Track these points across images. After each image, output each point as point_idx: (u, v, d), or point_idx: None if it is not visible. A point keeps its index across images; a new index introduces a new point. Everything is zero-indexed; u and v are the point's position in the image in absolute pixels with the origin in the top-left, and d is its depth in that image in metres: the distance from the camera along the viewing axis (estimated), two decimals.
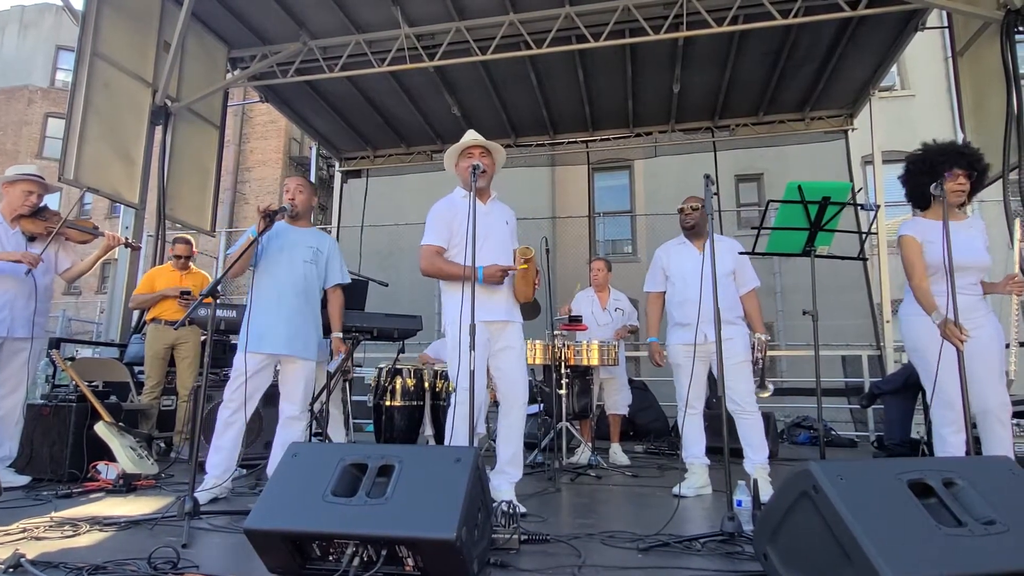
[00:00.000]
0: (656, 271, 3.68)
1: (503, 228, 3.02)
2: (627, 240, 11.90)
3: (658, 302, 3.68)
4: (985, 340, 2.69)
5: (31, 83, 18.92)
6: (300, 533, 1.75)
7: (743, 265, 3.49)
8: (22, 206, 3.41)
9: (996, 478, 1.71)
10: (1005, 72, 4.58)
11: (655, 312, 3.69)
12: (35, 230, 3.47)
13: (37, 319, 3.42)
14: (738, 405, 3.26)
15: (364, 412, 5.71)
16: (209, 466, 3.06)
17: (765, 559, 1.84)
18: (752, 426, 3.26)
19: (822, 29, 5.88)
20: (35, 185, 3.46)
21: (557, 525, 2.64)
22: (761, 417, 3.33)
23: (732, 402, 3.28)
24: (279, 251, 3.21)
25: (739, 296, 3.49)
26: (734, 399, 3.25)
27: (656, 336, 3.70)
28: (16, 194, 3.42)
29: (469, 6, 5.81)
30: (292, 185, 3.32)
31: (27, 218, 3.45)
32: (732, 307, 3.38)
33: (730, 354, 3.25)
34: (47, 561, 1.92)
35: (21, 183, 3.43)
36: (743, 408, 3.26)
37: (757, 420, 3.28)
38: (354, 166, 8.80)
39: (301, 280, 3.22)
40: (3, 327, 3.29)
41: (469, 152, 3.01)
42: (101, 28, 5.24)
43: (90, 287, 16.87)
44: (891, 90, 11.55)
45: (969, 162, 2.75)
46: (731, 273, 3.45)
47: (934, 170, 2.76)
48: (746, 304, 3.50)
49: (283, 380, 3.27)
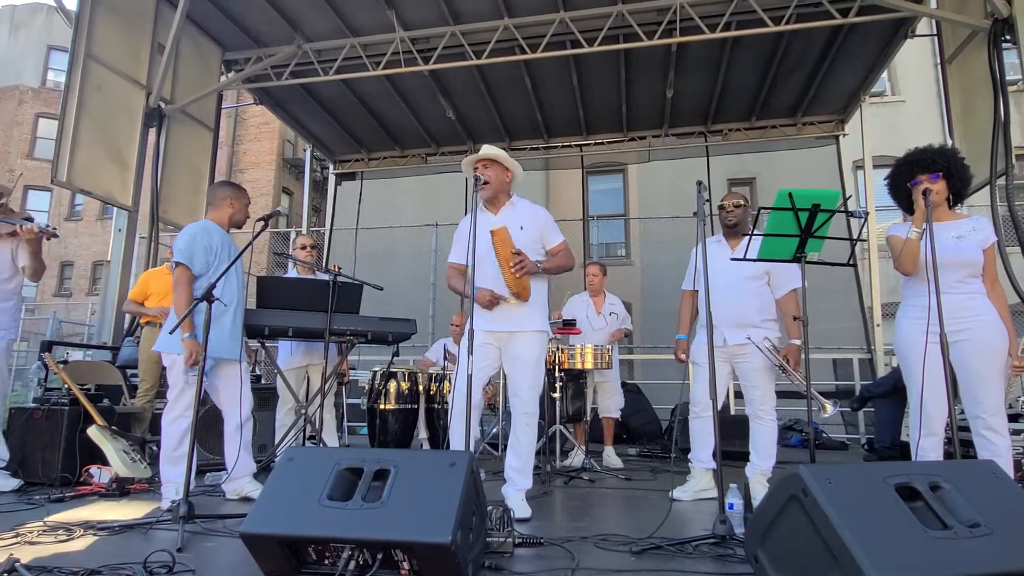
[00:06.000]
0: (690, 269, 3.57)
1: (516, 233, 2.92)
2: (621, 244, 11.95)
3: (690, 301, 3.56)
4: (978, 342, 2.61)
5: (22, 83, 18.80)
6: (296, 537, 1.76)
7: (780, 265, 3.22)
8: None
9: (981, 482, 1.75)
10: (992, 80, 4.65)
11: (686, 310, 3.57)
12: None
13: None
14: (753, 410, 3.25)
15: (358, 415, 5.71)
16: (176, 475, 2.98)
17: (756, 562, 1.86)
18: (764, 433, 3.23)
19: (813, 36, 5.94)
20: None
21: (551, 528, 2.66)
22: (775, 426, 3.25)
23: (749, 406, 3.28)
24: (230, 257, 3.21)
25: (776, 299, 3.34)
26: (751, 404, 3.24)
27: (685, 334, 3.57)
28: None
29: (464, 10, 5.84)
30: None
31: None
32: (757, 310, 3.29)
33: (748, 358, 3.25)
34: (42, 566, 1.92)
35: None
36: (757, 414, 3.24)
37: (771, 428, 3.23)
38: (348, 168, 8.79)
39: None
40: None
41: (476, 166, 3.03)
42: (94, 29, 5.22)
43: (81, 289, 16.77)
44: (882, 96, 11.68)
45: (927, 164, 2.73)
46: (763, 274, 3.30)
47: (899, 182, 2.82)
48: (782, 308, 3.33)
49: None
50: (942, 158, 2.75)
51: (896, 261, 2.79)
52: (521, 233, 2.96)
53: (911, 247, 2.69)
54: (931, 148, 2.81)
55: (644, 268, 10.48)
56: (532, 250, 2.96)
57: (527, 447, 2.90)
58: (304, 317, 3.75)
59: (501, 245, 2.84)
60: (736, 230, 3.41)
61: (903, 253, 2.72)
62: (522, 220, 3.02)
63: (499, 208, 3.07)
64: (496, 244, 2.84)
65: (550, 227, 3.10)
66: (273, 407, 4.37)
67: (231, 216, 3.28)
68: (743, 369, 3.30)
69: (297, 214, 15.41)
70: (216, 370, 3.09)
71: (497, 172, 3.01)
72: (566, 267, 3.10)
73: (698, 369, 3.35)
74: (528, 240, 2.97)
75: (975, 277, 2.72)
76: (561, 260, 3.08)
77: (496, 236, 2.83)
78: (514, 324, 2.93)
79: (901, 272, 2.79)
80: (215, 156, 6.77)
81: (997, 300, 2.71)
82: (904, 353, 2.78)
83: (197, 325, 2.89)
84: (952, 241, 2.71)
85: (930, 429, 2.66)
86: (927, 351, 2.57)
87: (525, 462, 2.89)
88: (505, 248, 2.84)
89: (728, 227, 3.42)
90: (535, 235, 3.03)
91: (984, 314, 2.66)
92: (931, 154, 2.77)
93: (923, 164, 2.75)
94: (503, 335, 2.94)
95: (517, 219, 3.02)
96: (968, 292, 2.69)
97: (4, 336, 3.55)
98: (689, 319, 3.58)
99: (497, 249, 2.84)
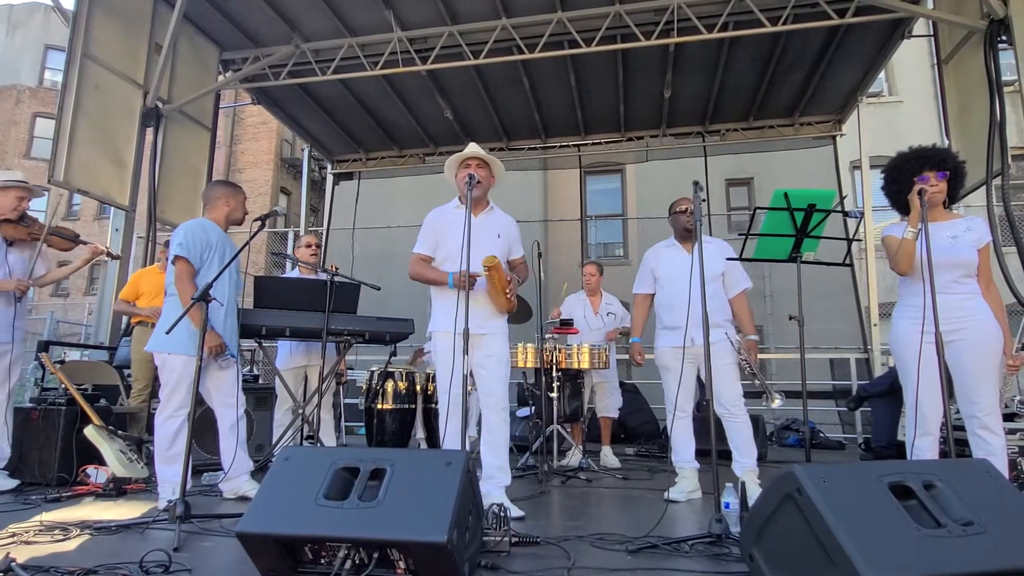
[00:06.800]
0: (645, 273, 3.66)
1: (493, 240, 3.03)
2: (619, 243, 11.96)
3: (645, 304, 3.68)
4: (973, 342, 2.62)
5: (19, 82, 18.76)
6: (292, 536, 1.76)
7: (732, 266, 3.44)
8: (12, 211, 3.48)
9: (975, 481, 1.76)
10: (988, 80, 4.66)
11: (641, 314, 3.69)
12: (17, 235, 3.53)
13: (17, 323, 3.54)
14: (725, 408, 3.28)
15: (356, 415, 5.71)
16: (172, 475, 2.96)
17: (751, 560, 1.87)
18: (739, 429, 3.28)
19: (810, 36, 5.95)
20: (27, 192, 3.54)
21: (547, 527, 2.66)
22: (749, 420, 3.33)
23: (720, 405, 3.29)
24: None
25: (728, 298, 3.48)
26: (721, 402, 3.27)
27: (639, 337, 3.70)
28: (8, 199, 3.48)
29: (462, 10, 5.84)
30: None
31: (11, 223, 3.49)
32: (720, 310, 3.38)
33: (717, 357, 3.27)
34: (37, 566, 1.92)
35: (14, 190, 3.50)
36: (730, 411, 3.28)
37: (745, 423, 3.30)
38: (346, 168, 8.79)
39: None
40: None
41: (467, 163, 3.06)
42: (92, 29, 5.21)
43: (78, 289, 16.73)
44: (879, 96, 11.70)
45: (934, 163, 2.76)
46: (720, 276, 3.43)
47: (903, 177, 2.80)
48: (735, 306, 3.48)
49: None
50: (951, 159, 2.80)
51: (892, 261, 2.80)
52: (498, 241, 3.07)
53: (907, 247, 2.70)
54: (938, 147, 2.85)
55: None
56: (504, 259, 3.09)
57: (505, 443, 2.97)
58: (301, 317, 3.75)
59: (498, 276, 2.92)
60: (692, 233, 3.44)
61: (899, 253, 2.73)
62: (499, 227, 3.12)
63: (480, 211, 3.11)
64: (492, 276, 2.90)
65: (517, 238, 3.25)
66: (271, 407, 4.37)
67: (228, 215, 3.28)
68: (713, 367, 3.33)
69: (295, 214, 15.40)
70: (207, 370, 3.08)
71: (487, 174, 3.09)
72: (524, 280, 3.29)
73: (668, 373, 3.42)
74: (502, 248, 3.08)
75: (970, 277, 2.73)
76: (522, 273, 3.27)
77: (493, 270, 2.88)
78: (487, 327, 3.02)
79: (897, 272, 2.80)
80: (213, 156, 6.76)
81: (992, 299, 2.73)
82: (900, 353, 2.79)
83: (184, 325, 2.84)
84: (947, 241, 2.72)
85: (926, 428, 2.67)
86: (923, 351, 2.58)
87: (504, 459, 2.95)
88: (501, 278, 2.94)
89: (688, 231, 3.42)
90: (507, 244, 3.14)
91: (979, 314, 2.68)
92: (942, 153, 2.81)
93: (934, 161, 2.77)
94: (475, 337, 2.94)
95: (494, 226, 3.11)
96: (963, 292, 2.71)
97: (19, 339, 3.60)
98: (642, 322, 3.69)
99: (493, 280, 2.92)
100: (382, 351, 4.50)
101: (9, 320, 3.47)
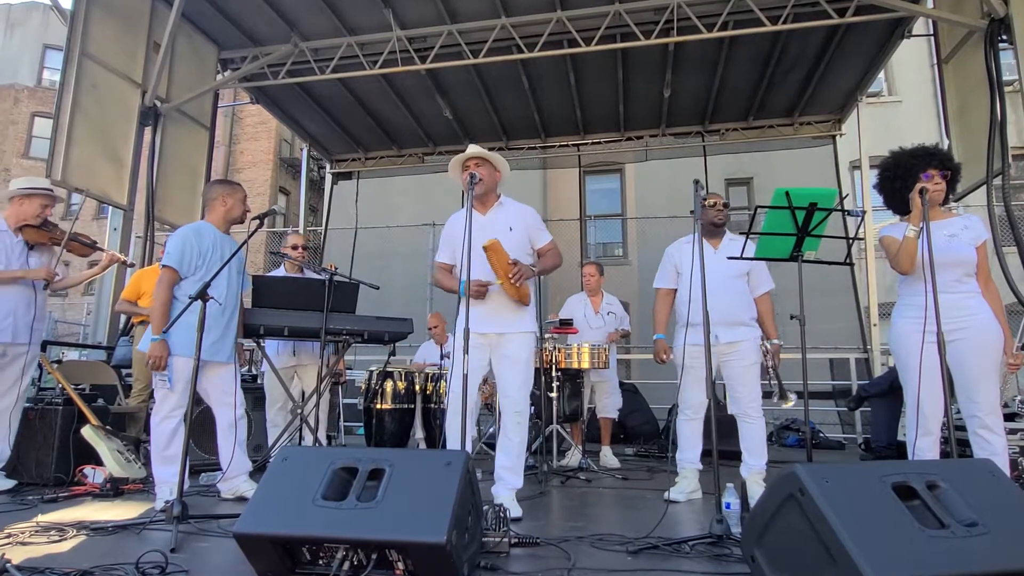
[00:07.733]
0: (667, 267, 3.54)
1: (505, 235, 2.92)
2: (618, 243, 11.95)
3: (667, 299, 3.53)
4: (973, 341, 2.61)
5: (17, 82, 18.71)
6: (290, 537, 1.74)
7: (757, 266, 3.33)
8: (36, 217, 3.52)
9: (978, 481, 1.74)
10: (989, 80, 4.66)
11: (664, 309, 3.54)
12: (39, 239, 3.57)
13: (36, 325, 3.55)
14: (743, 409, 3.25)
15: (355, 415, 5.70)
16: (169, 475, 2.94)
17: (752, 561, 1.86)
18: (754, 432, 3.24)
19: (810, 36, 5.95)
20: (51, 200, 3.60)
21: (547, 528, 2.65)
22: (764, 424, 3.28)
23: (737, 405, 3.28)
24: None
25: (753, 298, 3.39)
26: (739, 403, 3.24)
27: (664, 334, 3.53)
28: (33, 206, 3.52)
29: (461, 9, 5.83)
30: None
31: (33, 228, 3.53)
32: (744, 308, 3.32)
33: (738, 357, 3.26)
34: (33, 566, 1.90)
35: (39, 197, 3.55)
36: (747, 413, 3.24)
37: (760, 426, 3.25)
38: (345, 168, 8.77)
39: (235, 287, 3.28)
40: (7, 334, 3.40)
41: (466, 165, 3.03)
42: (90, 28, 5.19)
43: (76, 289, 16.70)
44: (878, 96, 11.70)
45: (941, 161, 2.76)
46: (744, 274, 3.34)
47: (908, 174, 2.78)
48: (760, 307, 3.39)
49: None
50: (952, 158, 2.82)
51: (893, 261, 2.79)
52: (510, 234, 2.96)
53: (908, 246, 2.69)
54: (940, 148, 2.85)
55: (641, 268, 10.47)
56: (521, 251, 2.98)
57: (519, 446, 2.90)
58: (300, 316, 3.73)
59: (496, 258, 2.81)
60: (720, 230, 3.43)
61: (901, 252, 2.72)
62: (511, 221, 3.03)
63: (488, 207, 3.07)
64: (491, 258, 2.81)
65: (538, 227, 3.13)
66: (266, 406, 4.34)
67: (225, 214, 3.27)
68: (732, 368, 3.29)
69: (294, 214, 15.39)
70: (204, 371, 3.05)
71: (489, 171, 3.03)
72: (556, 265, 3.18)
73: (688, 371, 3.25)
74: (517, 241, 2.98)
75: (970, 276, 2.73)
76: (551, 260, 3.14)
77: (490, 251, 2.79)
78: (504, 326, 2.94)
79: (899, 271, 2.79)
80: (211, 155, 6.75)
81: (991, 297, 2.72)
82: (900, 352, 2.78)
83: (181, 325, 2.82)
84: (945, 240, 2.72)
85: (926, 428, 2.66)
86: (923, 350, 2.57)
87: (516, 461, 2.89)
88: (501, 260, 2.82)
89: (716, 226, 3.39)
90: (524, 236, 3.05)
91: (980, 313, 2.67)
92: (947, 152, 2.83)
93: (941, 159, 2.77)
94: (493, 336, 2.94)
95: (506, 220, 3.03)
96: (964, 291, 2.70)
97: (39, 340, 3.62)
98: (666, 318, 3.55)
99: (493, 262, 2.83)
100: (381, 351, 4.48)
101: (29, 321, 3.49)
